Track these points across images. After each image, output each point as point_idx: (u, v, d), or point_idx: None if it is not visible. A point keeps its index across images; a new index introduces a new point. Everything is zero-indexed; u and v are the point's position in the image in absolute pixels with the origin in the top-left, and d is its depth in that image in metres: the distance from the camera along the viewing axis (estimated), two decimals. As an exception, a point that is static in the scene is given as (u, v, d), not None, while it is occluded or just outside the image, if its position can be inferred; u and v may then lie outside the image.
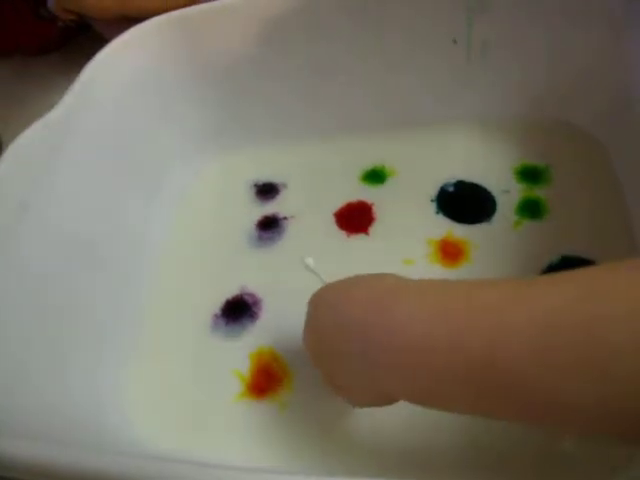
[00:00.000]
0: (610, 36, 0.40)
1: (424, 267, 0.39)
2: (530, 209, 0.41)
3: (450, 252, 0.40)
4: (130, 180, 0.43)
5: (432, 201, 0.43)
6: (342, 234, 0.43)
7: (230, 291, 0.41)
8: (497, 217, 0.41)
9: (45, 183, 0.36)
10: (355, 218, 0.44)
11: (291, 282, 0.41)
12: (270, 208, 0.45)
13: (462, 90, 0.45)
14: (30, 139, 0.35)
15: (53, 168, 0.36)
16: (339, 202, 0.45)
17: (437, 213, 0.43)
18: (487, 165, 0.44)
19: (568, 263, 0.37)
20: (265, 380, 0.37)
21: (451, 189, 0.43)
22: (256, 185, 0.47)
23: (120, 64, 0.42)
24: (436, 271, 0.39)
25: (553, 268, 0.37)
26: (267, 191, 0.46)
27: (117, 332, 0.39)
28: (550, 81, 0.44)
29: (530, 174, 0.43)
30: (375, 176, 0.45)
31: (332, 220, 0.44)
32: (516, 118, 0.45)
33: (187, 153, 0.48)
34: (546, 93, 0.44)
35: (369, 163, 0.46)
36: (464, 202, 0.43)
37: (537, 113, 0.45)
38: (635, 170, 0.39)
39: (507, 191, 0.42)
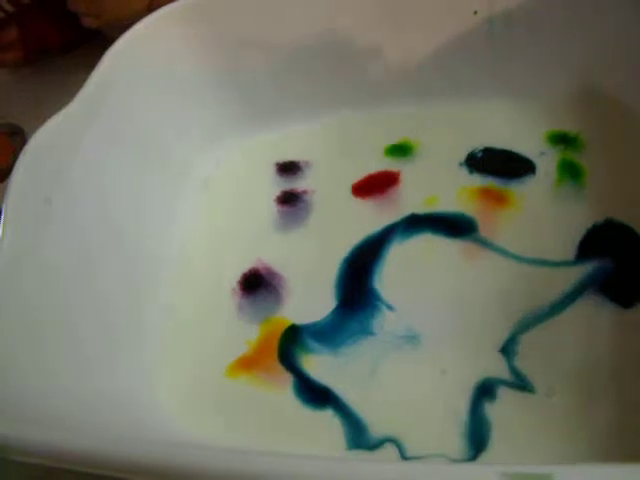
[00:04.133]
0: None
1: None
2: (570, 170, 0.40)
3: (495, 196, 0.40)
4: (152, 172, 0.42)
5: (461, 164, 0.42)
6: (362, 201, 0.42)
7: (250, 265, 0.41)
8: (538, 175, 0.40)
9: (66, 178, 0.35)
10: (378, 187, 0.42)
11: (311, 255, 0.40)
12: (291, 184, 0.44)
13: (486, 63, 0.44)
14: (49, 133, 0.35)
15: (73, 162, 0.36)
16: (361, 175, 0.43)
17: (471, 173, 0.42)
18: (515, 133, 0.43)
19: (612, 226, 0.37)
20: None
21: (480, 155, 0.42)
22: (277, 164, 0.46)
23: (136, 54, 0.41)
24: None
25: (597, 228, 0.37)
26: (289, 169, 0.45)
27: (140, 318, 0.38)
28: (577, 50, 0.42)
29: (562, 139, 0.42)
30: (400, 149, 0.44)
31: (352, 191, 0.43)
32: (541, 89, 0.44)
33: (207, 143, 0.46)
34: (571, 63, 0.43)
35: (393, 137, 0.45)
36: (498, 163, 0.41)
37: (565, 83, 0.43)
38: None
39: (543, 153, 0.41)
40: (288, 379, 0.35)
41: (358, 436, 0.33)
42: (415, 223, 0.40)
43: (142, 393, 0.35)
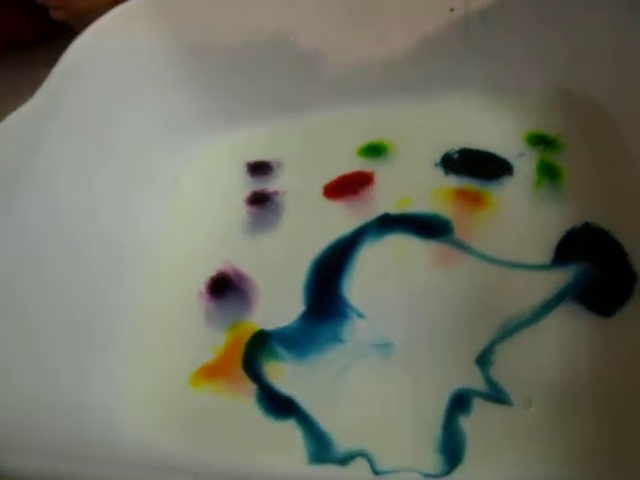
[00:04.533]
0: (618, 4, 0.38)
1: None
2: (548, 172, 0.39)
3: (471, 198, 0.39)
4: (117, 171, 0.41)
5: (436, 165, 0.41)
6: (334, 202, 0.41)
7: (218, 268, 0.39)
8: (516, 177, 0.40)
9: (27, 175, 0.34)
10: (351, 188, 0.41)
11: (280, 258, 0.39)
12: (262, 185, 0.43)
13: (461, 60, 0.43)
14: (9, 128, 0.34)
15: (35, 159, 0.34)
16: (333, 175, 0.43)
17: (447, 175, 0.41)
18: (493, 134, 0.42)
19: (589, 231, 0.36)
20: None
21: (455, 156, 0.41)
22: (248, 164, 0.45)
23: (101, 47, 0.40)
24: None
25: (576, 232, 0.36)
26: (260, 170, 0.44)
27: (105, 323, 0.36)
28: (554, 50, 0.42)
29: (541, 140, 0.41)
30: (374, 149, 0.43)
31: (323, 192, 0.42)
32: (520, 88, 0.44)
33: (177, 141, 0.45)
34: (550, 63, 0.42)
35: (367, 136, 0.44)
36: (474, 164, 0.41)
37: (542, 83, 0.43)
38: None
39: (522, 154, 0.40)
40: (252, 388, 0.34)
41: (321, 449, 0.31)
42: (388, 224, 0.39)
43: (108, 401, 0.33)
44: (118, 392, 0.34)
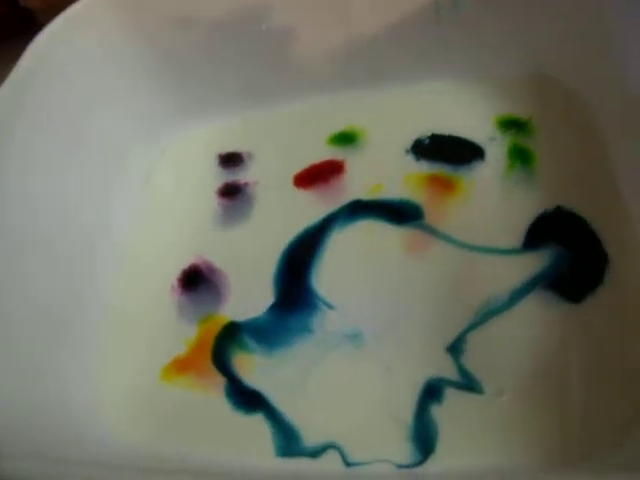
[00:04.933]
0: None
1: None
2: (520, 156, 0.39)
3: (442, 183, 0.39)
4: (88, 164, 0.40)
5: (407, 152, 0.41)
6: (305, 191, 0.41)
7: (189, 261, 0.39)
8: (488, 161, 0.39)
9: None
10: (321, 177, 0.41)
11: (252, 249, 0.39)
12: (233, 176, 0.43)
13: (433, 46, 0.43)
14: None
15: (2, 155, 0.34)
16: (304, 165, 0.42)
17: (418, 160, 0.40)
18: (464, 118, 0.41)
19: (561, 215, 0.36)
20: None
21: (426, 142, 0.41)
22: (219, 155, 0.44)
23: (70, 39, 0.39)
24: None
25: (548, 215, 0.36)
26: (232, 161, 0.44)
27: (80, 321, 0.36)
28: (527, 34, 0.41)
29: (513, 124, 0.40)
30: (345, 138, 0.43)
31: (294, 182, 0.41)
32: (491, 74, 0.43)
33: (148, 133, 0.45)
34: (522, 47, 0.42)
35: (338, 125, 0.43)
36: (445, 150, 0.40)
37: (514, 68, 0.43)
38: (616, 122, 0.37)
39: (493, 138, 0.40)
40: (221, 382, 0.34)
41: (288, 443, 0.31)
42: (358, 210, 0.38)
43: (86, 400, 0.33)
44: (95, 390, 0.34)
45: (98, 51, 0.41)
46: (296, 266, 0.37)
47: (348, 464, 0.30)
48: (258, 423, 0.32)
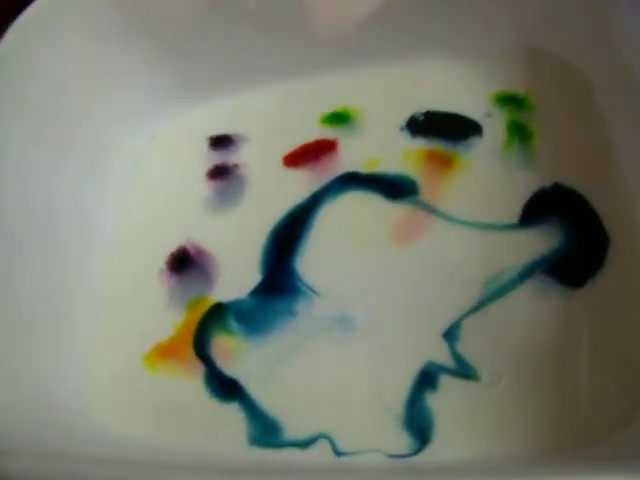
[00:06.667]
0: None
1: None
2: (518, 132, 0.38)
3: (440, 159, 0.38)
4: (79, 149, 0.40)
5: (402, 129, 0.40)
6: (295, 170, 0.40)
7: (178, 244, 0.39)
8: (485, 137, 0.39)
9: None
10: (313, 156, 0.40)
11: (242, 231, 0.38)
12: (223, 158, 0.42)
13: (425, 21, 0.42)
14: None
15: None
16: (295, 145, 0.41)
17: (414, 137, 0.40)
18: (458, 95, 0.41)
19: (559, 191, 0.35)
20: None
21: (421, 118, 0.40)
22: (210, 138, 0.44)
23: (53, 22, 0.38)
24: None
25: (545, 192, 0.35)
26: (222, 143, 0.43)
27: (70, 304, 0.36)
28: (525, 9, 0.41)
29: (510, 100, 0.40)
30: (338, 117, 0.42)
31: (284, 162, 0.41)
32: (486, 50, 0.42)
33: (138, 117, 0.44)
34: (521, 22, 0.41)
35: (330, 105, 0.43)
36: (441, 126, 0.40)
37: (510, 43, 0.42)
38: (617, 98, 0.37)
39: (490, 114, 0.39)
40: (200, 369, 0.33)
41: (263, 433, 0.31)
42: (350, 182, 0.38)
43: (71, 383, 0.34)
44: (84, 375, 0.34)
45: (82, 35, 0.40)
46: (283, 246, 0.36)
47: (339, 454, 0.29)
48: (233, 412, 0.32)
